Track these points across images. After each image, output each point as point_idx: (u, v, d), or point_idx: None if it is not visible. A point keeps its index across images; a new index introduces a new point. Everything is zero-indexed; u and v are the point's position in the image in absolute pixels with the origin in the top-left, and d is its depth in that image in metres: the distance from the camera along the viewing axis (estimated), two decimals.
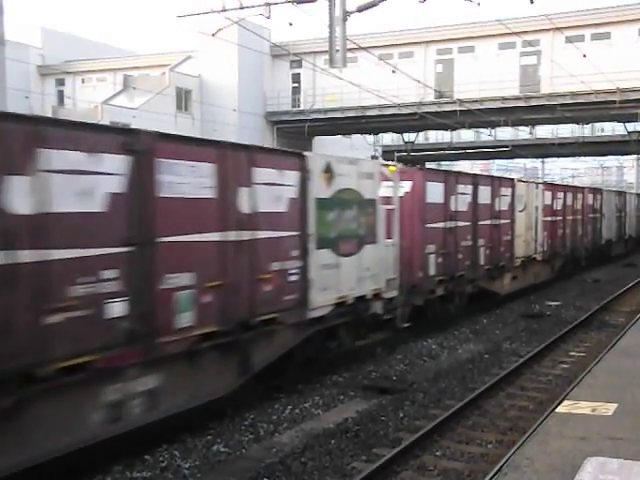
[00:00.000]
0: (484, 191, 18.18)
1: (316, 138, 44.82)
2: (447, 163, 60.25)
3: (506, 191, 19.80)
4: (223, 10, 21.01)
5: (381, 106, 36.65)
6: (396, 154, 46.29)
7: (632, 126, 40.30)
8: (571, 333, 15.63)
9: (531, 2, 19.26)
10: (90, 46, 49.53)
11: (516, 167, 76.60)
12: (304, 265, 10.40)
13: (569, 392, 8.85)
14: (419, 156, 47.47)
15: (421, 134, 47.25)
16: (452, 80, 38.51)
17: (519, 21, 34.29)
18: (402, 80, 30.68)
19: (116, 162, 7.24)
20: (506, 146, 45.89)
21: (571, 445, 6.76)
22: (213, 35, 22.74)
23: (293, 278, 10.16)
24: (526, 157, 57.18)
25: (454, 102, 35.46)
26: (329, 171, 11.11)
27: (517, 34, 29.99)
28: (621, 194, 38.29)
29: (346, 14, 16.63)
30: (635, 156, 57.89)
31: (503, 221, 19.38)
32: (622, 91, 33.00)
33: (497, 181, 19.78)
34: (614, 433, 7.06)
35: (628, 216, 38.16)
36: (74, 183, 6.77)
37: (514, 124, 39.63)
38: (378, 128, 42.75)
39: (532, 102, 36.34)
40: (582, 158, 64.08)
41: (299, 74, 42.59)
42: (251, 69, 40.97)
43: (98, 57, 48.14)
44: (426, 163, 48.89)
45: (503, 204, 19.42)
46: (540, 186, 23.29)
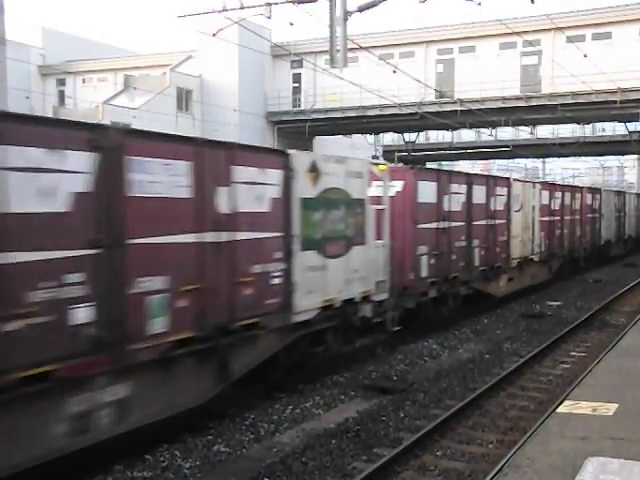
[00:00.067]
0: (479, 191, 17.85)
1: (317, 138, 44.84)
2: (448, 163, 60.25)
3: (502, 191, 19.48)
4: (224, 10, 21.03)
5: (382, 106, 36.68)
6: (397, 154, 46.37)
7: (633, 126, 40.33)
8: (572, 333, 15.62)
9: (532, 2, 19.27)
10: (91, 46, 49.57)
11: (517, 167, 76.63)
12: (288, 267, 10.04)
13: (570, 392, 8.85)
14: (420, 156, 47.50)
15: (422, 134, 47.24)
16: (453, 80, 38.53)
17: (520, 21, 34.29)
18: (403, 80, 30.68)
19: (81, 159, 6.86)
20: (507, 146, 45.90)
21: (572, 445, 6.75)
22: (214, 35, 22.75)
23: (276, 281, 9.80)
24: (527, 157, 57.20)
25: (455, 102, 35.46)
26: (315, 170, 10.77)
27: (518, 34, 29.96)
28: (620, 194, 37.98)
29: (347, 14, 16.64)
30: (636, 156, 57.86)
31: (499, 221, 19.04)
32: (623, 91, 33.01)
33: (492, 180, 19.39)
34: (615, 433, 7.06)
35: (627, 216, 37.86)
36: (34, 181, 6.42)
37: (515, 124, 39.64)
38: (379, 128, 42.76)
39: (533, 102, 36.36)
40: (583, 158, 64.16)
41: (300, 74, 42.60)
42: (252, 69, 40.99)
43: (99, 57, 48.19)
44: (427, 163, 48.90)
45: (499, 204, 19.10)
46: (537, 186, 22.99)
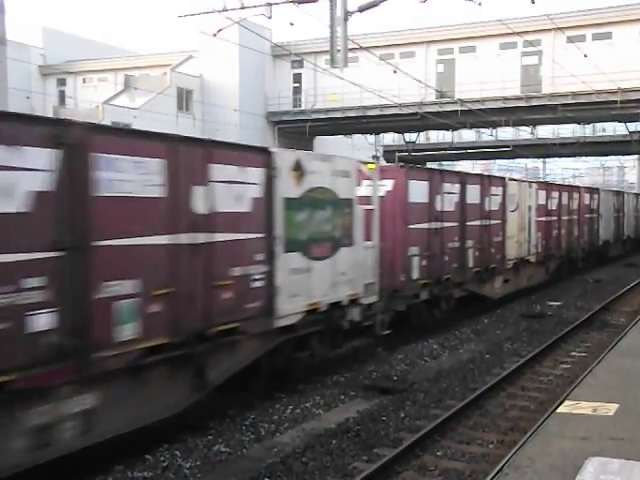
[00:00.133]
0: (473, 190, 17.45)
1: (317, 138, 44.87)
2: (448, 163, 60.19)
3: (497, 190, 19.08)
4: (224, 10, 21.01)
5: (382, 106, 36.70)
6: (397, 154, 46.32)
7: (633, 126, 40.33)
8: (572, 333, 15.61)
9: (532, 2, 19.26)
10: (91, 46, 49.62)
11: (517, 167, 76.61)
12: (270, 270, 9.65)
13: (570, 392, 8.85)
14: (420, 156, 47.47)
15: (422, 134, 47.27)
16: (453, 80, 38.55)
17: (520, 21, 34.31)
18: (403, 80, 30.68)
19: (42, 156, 6.48)
20: (507, 146, 45.87)
21: (572, 445, 6.75)
22: (214, 35, 22.72)
23: (257, 284, 9.42)
24: (527, 157, 57.17)
25: (455, 102, 35.45)
26: (299, 168, 10.38)
27: (518, 34, 29.97)
28: (619, 194, 37.67)
29: (347, 14, 16.63)
30: (636, 156, 57.86)
31: (494, 221, 18.62)
32: (623, 91, 33.03)
33: (487, 180, 18.92)
34: (615, 433, 7.05)
35: (626, 216, 37.54)
36: None
37: (515, 124, 39.64)
38: (379, 128, 42.77)
39: (533, 102, 36.38)
40: (583, 158, 64.19)
41: (300, 74, 42.63)
42: (252, 69, 41.00)
43: (99, 57, 48.25)
44: (427, 163, 48.89)
45: (493, 204, 18.68)
46: (533, 185, 22.61)
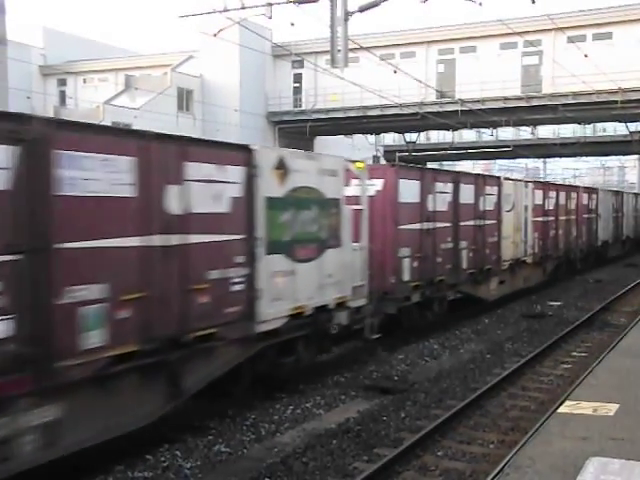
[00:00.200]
0: (466, 190, 17.04)
1: (318, 138, 44.87)
2: (449, 163, 60.19)
3: (492, 190, 18.69)
4: (225, 10, 21.01)
5: (383, 106, 36.71)
6: (398, 154, 46.33)
7: (634, 126, 40.36)
8: (573, 333, 15.60)
9: (533, 2, 19.28)
10: (92, 46, 49.63)
11: (518, 167, 76.60)
12: (251, 273, 9.26)
13: (571, 392, 8.84)
14: (421, 156, 47.48)
15: (423, 134, 47.29)
16: (454, 80, 38.56)
17: (521, 21, 34.32)
18: (404, 80, 30.70)
19: None
20: (508, 146, 45.89)
21: (573, 445, 6.75)
22: (215, 35, 22.72)
23: (237, 287, 9.03)
24: (528, 157, 57.19)
25: (456, 102, 35.47)
26: (282, 167, 9.99)
27: (519, 34, 29.99)
28: (618, 194, 37.37)
29: (348, 14, 16.64)
30: (637, 156, 57.89)
31: (488, 222, 18.23)
32: (624, 91, 33.03)
33: (481, 179, 18.46)
34: (616, 433, 7.05)
35: (625, 216, 37.32)
36: None
37: (516, 124, 39.65)
38: (380, 128, 42.80)
39: (534, 102, 36.39)
40: (584, 158, 64.21)
41: (301, 74, 42.65)
42: (253, 69, 41.02)
43: (100, 57, 48.26)
44: (428, 163, 48.89)
45: (488, 204, 18.31)
46: (530, 185, 22.26)
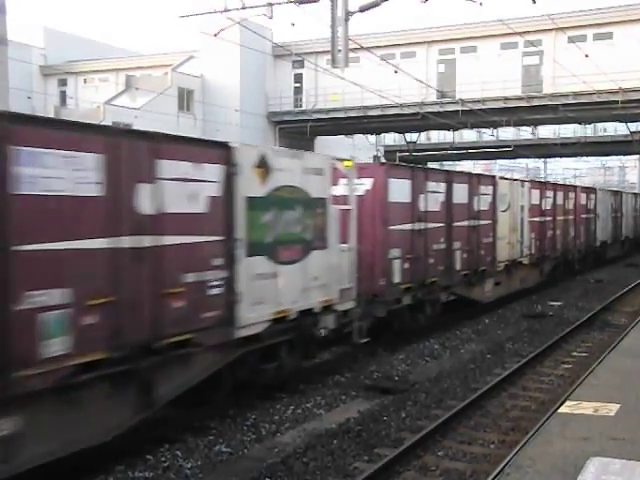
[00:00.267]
0: (460, 189, 16.67)
1: (318, 138, 44.87)
2: (449, 163, 60.20)
3: (486, 189, 18.27)
4: (225, 10, 21.03)
5: (383, 106, 36.70)
6: (398, 154, 46.36)
7: (634, 126, 40.36)
8: (573, 333, 15.59)
9: (533, 2, 19.27)
10: (92, 46, 49.64)
11: (518, 167, 76.58)
12: (230, 276, 8.91)
13: (571, 392, 8.83)
14: (421, 156, 47.49)
15: (423, 134, 47.29)
16: (454, 80, 38.56)
17: (521, 21, 34.31)
18: (404, 80, 30.71)
19: None
20: (508, 146, 45.90)
21: (573, 445, 6.74)
22: (215, 35, 22.73)
23: (215, 291, 8.66)
24: (528, 157, 57.19)
25: (456, 102, 35.47)
26: (264, 165, 9.64)
27: (519, 34, 29.99)
28: (617, 194, 37.02)
29: (348, 14, 16.63)
30: (637, 156, 57.87)
31: (483, 222, 17.84)
32: (624, 91, 33.02)
33: (475, 178, 17.99)
34: (617, 433, 7.04)
35: (625, 217, 37.03)
36: None
37: (516, 124, 39.65)
38: (380, 128, 42.80)
39: (534, 102, 36.38)
40: (584, 158, 64.20)
41: (301, 74, 42.65)
42: (253, 69, 41.02)
43: (100, 57, 48.28)
44: (428, 163, 48.91)
45: (483, 203, 17.94)
46: (526, 184, 21.93)
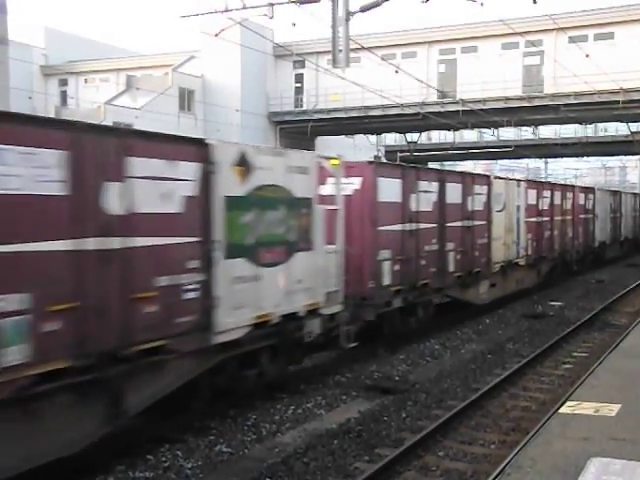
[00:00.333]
0: (453, 189, 16.35)
1: (319, 138, 44.86)
2: (450, 163, 60.19)
3: (481, 189, 17.93)
4: (226, 10, 21.01)
5: (384, 106, 36.68)
6: (399, 154, 46.33)
7: (635, 126, 40.33)
8: (574, 333, 15.60)
9: (534, 2, 19.25)
10: (93, 46, 49.65)
11: (519, 167, 76.57)
12: (207, 279, 8.56)
13: (572, 393, 8.84)
14: (422, 156, 47.46)
15: (424, 134, 47.26)
16: (455, 80, 38.54)
17: (522, 21, 34.27)
18: (405, 80, 30.70)
19: None
20: (509, 146, 45.86)
21: (574, 446, 6.74)
22: (216, 35, 22.72)
23: (191, 295, 8.33)
24: (529, 157, 57.15)
25: (457, 102, 35.43)
26: (244, 163, 9.30)
27: (520, 34, 29.96)
28: (616, 194, 36.73)
29: (349, 14, 16.62)
30: (638, 156, 57.79)
31: (477, 222, 17.52)
32: (625, 91, 32.98)
33: (469, 178, 17.65)
34: (617, 434, 7.04)
35: (624, 217, 36.81)
36: None
37: (517, 124, 39.60)
38: (381, 128, 42.78)
39: (535, 102, 36.35)
40: (585, 158, 64.06)
41: (302, 74, 42.64)
42: (254, 69, 41.02)
43: (101, 57, 48.28)
44: (429, 163, 48.87)
45: (477, 204, 17.60)
46: (522, 184, 21.60)
